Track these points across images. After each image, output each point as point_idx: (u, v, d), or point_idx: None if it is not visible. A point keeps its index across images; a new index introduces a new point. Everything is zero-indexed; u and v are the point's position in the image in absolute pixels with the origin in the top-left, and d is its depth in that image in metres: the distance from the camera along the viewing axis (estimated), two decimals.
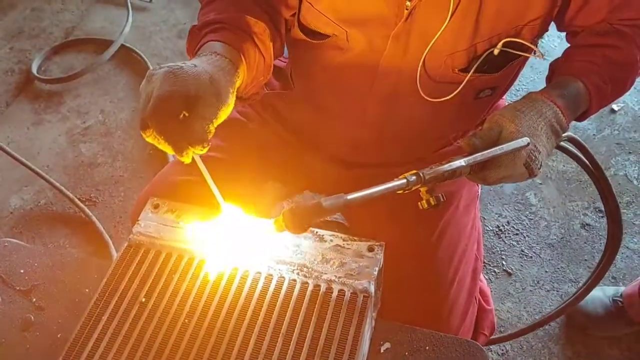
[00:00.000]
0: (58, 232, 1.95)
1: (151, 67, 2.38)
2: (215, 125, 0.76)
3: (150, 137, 0.73)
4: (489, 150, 0.78)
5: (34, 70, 2.42)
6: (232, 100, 0.80)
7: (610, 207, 1.21)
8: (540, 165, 0.85)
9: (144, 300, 0.74)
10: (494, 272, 1.81)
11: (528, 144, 0.80)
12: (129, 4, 2.65)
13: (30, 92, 2.39)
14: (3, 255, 0.95)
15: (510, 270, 1.82)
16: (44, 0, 2.80)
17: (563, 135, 0.96)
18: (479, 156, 0.78)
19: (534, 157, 0.83)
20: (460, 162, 0.76)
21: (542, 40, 1.01)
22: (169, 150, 0.74)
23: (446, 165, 0.75)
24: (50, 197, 2.03)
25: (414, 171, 0.73)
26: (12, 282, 0.92)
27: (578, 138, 1.08)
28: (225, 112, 0.78)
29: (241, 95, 0.90)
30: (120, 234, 1.94)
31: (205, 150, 0.74)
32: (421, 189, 0.75)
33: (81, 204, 1.97)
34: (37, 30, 2.65)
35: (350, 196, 0.67)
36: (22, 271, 0.93)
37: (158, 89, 0.72)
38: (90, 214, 1.94)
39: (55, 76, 2.43)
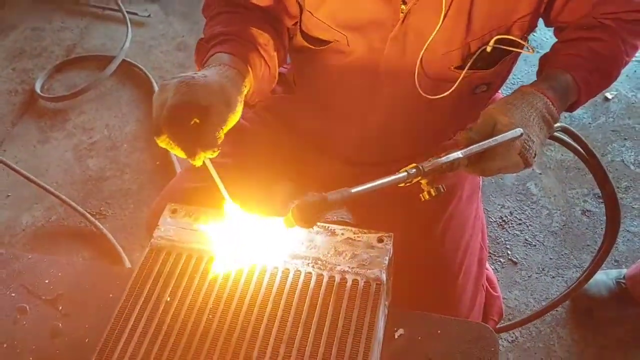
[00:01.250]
0: (71, 247, 1.99)
1: (153, 81, 2.44)
2: (225, 132, 0.81)
3: (164, 143, 0.78)
4: (484, 142, 0.82)
5: (38, 89, 2.47)
6: (240, 108, 0.85)
7: (607, 193, 1.24)
8: (535, 155, 0.89)
9: (168, 299, 0.78)
10: (500, 261, 1.85)
11: (521, 134, 0.84)
12: (128, 20, 2.70)
13: (35, 111, 2.44)
14: (27, 267, 0.99)
15: (515, 259, 1.85)
16: (44, 19, 2.85)
17: (557, 126, 1.00)
18: (474, 148, 0.82)
19: (527, 147, 0.87)
20: (457, 154, 0.80)
21: (534, 34, 1.06)
22: (181, 155, 0.79)
23: (444, 158, 0.79)
24: (61, 212, 2.08)
25: (414, 164, 0.77)
26: (38, 292, 0.96)
27: (571, 128, 1.12)
28: (233, 119, 0.83)
29: (247, 102, 0.94)
30: (132, 245, 1.98)
31: (216, 154, 0.79)
32: (422, 181, 0.79)
33: (92, 218, 2.01)
34: (38, 49, 2.70)
35: (354, 190, 0.71)
36: (46, 281, 0.97)
37: (172, 97, 0.77)
38: (102, 227, 1.98)
39: (59, 94, 2.47)
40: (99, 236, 1.97)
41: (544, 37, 2.43)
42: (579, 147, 1.20)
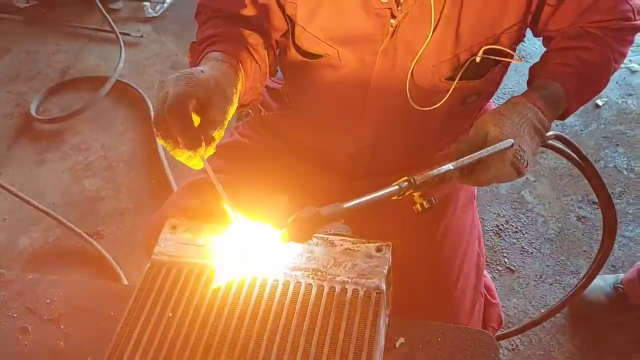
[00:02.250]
0: (69, 268, 1.98)
1: (147, 100, 2.46)
2: (225, 127, 0.82)
3: (165, 136, 0.78)
4: (475, 154, 0.84)
5: (33, 111, 2.48)
6: (236, 100, 0.87)
7: (603, 198, 1.25)
8: (527, 164, 0.90)
9: (170, 315, 0.78)
10: (498, 270, 1.86)
11: (513, 144, 0.86)
12: (121, 41, 2.72)
13: (30, 133, 2.45)
14: (28, 287, 0.99)
15: (512, 267, 1.86)
16: (38, 42, 2.87)
17: (549, 133, 1.02)
18: (466, 159, 0.83)
19: (519, 157, 0.88)
20: (449, 166, 0.81)
21: (523, 44, 1.08)
22: (181, 155, 0.79)
23: (435, 170, 0.80)
24: (58, 233, 2.08)
25: (406, 177, 0.78)
26: (40, 312, 0.96)
27: (564, 135, 1.14)
28: (231, 112, 0.85)
29: (241, 102, 0.96)
30: (130, 264, 1.97)
31: (212, 151, 0.80)
32: (414, 194, 0.80)
33: (89, 238, 2.01)
34: (33, 72, 2.72)
35: (346, 204, 0.72)
36: (47, 301, 0.97)
37: (173, 89, 0.78)
38: (99, 247, 1.98)
39: (54, 116, 2.49)
40: (97, 256, 1.97)
41: (533, 47, 2.47)
42: (573, 154, 1.21)
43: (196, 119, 0.80)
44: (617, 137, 2.22)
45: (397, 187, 0.77)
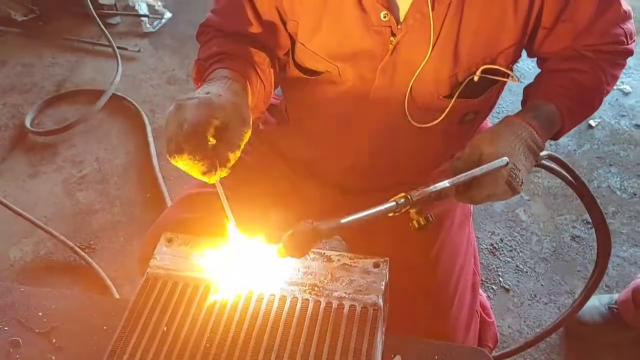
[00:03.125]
0: (60, 281, 1.96)
1: (143, 114, 2.46)
2: (241, 149, 0.83)
3: (183, 160, 0.78)
4: (470, 171, 0.85)
5: (28, 124, 2.47)
6: (250, 118, 0.86)
7: (596, 219, 1.26)
8: (522, 183, 0.91)
9: (165, 329, 0.77)
10: (492, 289, 1.85)
11: (507, 163, 0.87)
12: (118, 55, 2.73)
13: (24, 146, 2.44)
14: (20, 300, 0.98)
15: (507, 286, 1.86)
16: (34, 55, 2.87)
17: (543, 154, 1.03)
18: (461, 177, 0.84)
19: (514, 175, 0.89)
20: (445, 183, 0.82)
21: (517, 64, 1.09)
22: (197, 174, 0.80)
23: (432, 187, 0.80)
24: (49, 247, 2.06)
25: (402, 194, 0.78)
26: (31, 325, 0.94)
27: (557, 155, 1.14)
28: (247, 136, 0.85)
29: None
30: (121, 278, 1.96)
31: (225, 173, 0.82)
32: (411, 211, 0.80)
33: (81, 252, 1.99)
34: (28, 85, 2.72)
35: (344, 220, 0.72)
36: (40, 314, 0.96)
37: (191, 116, 0.78)
38: (91, 260, 1.96)
39: (48, 128, 2.48)
40: (88, 270, 1.95)
41: (526, 67, 2.49)
42: (566, 174, 1.22)
43: (212, 141, 0.81)
44: (610, 158, 2.23)
45: (394, 203, 0.77)
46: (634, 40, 1.06)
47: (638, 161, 2.21)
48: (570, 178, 1.22)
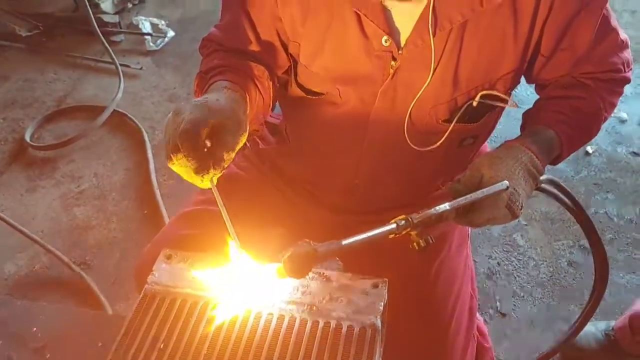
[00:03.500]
0: (53, 296, 1.95)
1: (143, 130, 2.47)
2: (236, 152, 0.84)
3: (178, 161, 0.80)
4: (470, 195, 0.85)
5: (27, 138, 2.48)
6: (248, 127, 0.88)
7: (595, 245, 1.25)
8: (522, 206, 0.92)
9: (162, 346, 0.77)
10: (489, 313, 1.85)
11: (507, 187, 0.88)
12: (120, 72, 2.75)
13: (23, 160, 2.44)
14: (15, 314, 0.97)
15: (504, 311, 1.85)
16: (37, 71, 2.89)
17: (543, 178, 1.04)
18: (462, 200, 0.84)
19: (514, 199, 0.90)
20: (445, 206, 0.82)
21: (516, 90, 1.10)
22: (190, 176, 0.81)
23: (432, 210, 0.81)
24: (45, 262, 2.05)
25: (403, 216, 0.79)
26: (25, 340, 0.94)
27: (557, 180, 1.15)
28: (243, 139, 0.86)
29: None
30: (115, 295, 1.94)
31: (220, 173, 0.82)
32: (411, 233, 0.80)
33: (76, 267, 1.98)
34: (30, 99, 2.73)
35: (344, 241, 0.72)
36: (34, 329, 0.95)
37: (188, 116, 0.80)
38: (86, 276, 1.95)
39: (48, 143, 2.49)
40: (83, 286, 1.94)
41: (524, 93, 2.52)
42: (565, 199, 1.22)
43: (208, 144, 0.82)
44: (607, 184, 2.25)
45: (394, 225, 0.77)
46: (631, 69, 1.08)
47: (635, 188, 2.22)
48: (569, 203, 1.22)
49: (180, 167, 0.81)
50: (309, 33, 1.01)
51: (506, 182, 0.88)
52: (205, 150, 0.81)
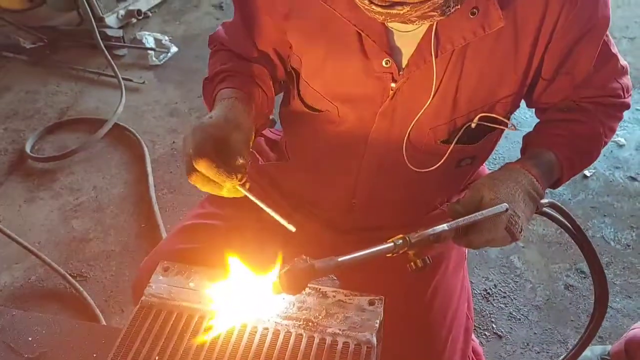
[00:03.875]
0: (48, 308, 1.94)
1: (144, 144, 2.48)
2: (249, 152, 0.91)
3: (199, 179, 0.86)
4: (470, 216, 0.85)
5: (28, 149, 2.48)
6: (252, 126, 0.95)
7: (595, 269, 1.25)
8: (521, 229, 0.92)
9: (157, 359, 0.77)
10: (485, 335, 1.84)
11: (507, 209, 0.88)
12: (123, 86, 2.77)
13: (23, 171, 2.44)
14: (11, 324, 0.97)
15: (500, 333, 1.85)
16: (39, 83, 2.91)
17: (544, 201, 1.04)
18: (460, 221, 0.85)
19: (514, 222, 0.90)
20: (443, 227, 0.82)
21: (515, 113, 1.11)
22: (215, 188, 0.87)
23: (430, 230, 0.81)
24: (40, 273, 2.04)
25: (401, 235, 0.79)
26: (20, 350, 0.93)
27: (558, 203, 1.15)
28: (250, 138, 0.94)
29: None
30: (111, 308, 1.94)
31: (244, 178, 0.89)
32: (409, 252, 0.80)
33: (72, 280, 1.97)
34: (31, 111, 2.75)
35: (340, 259, 0.73)
36: (30, 339, 0.95)
37: (193, 140, 0.87)
38: (81, 289, 1.95)
39: (48, 155, 2.49)
40: (78, 298, 1.93)
41: (523, 116, 2.54)
42: (566, 223, 1.22)
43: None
44: (604, 208, 2.25)
45: (392, 244, 0.78)
46: (630, 94, 1.10)
47: (632, 213, 2.23)
48: (570, 227, 1.22)
49: (206, 185, 0.87)
50: (310, 49, 1.03)
51: (506, 205, 0.88)
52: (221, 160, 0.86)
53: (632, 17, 3.29)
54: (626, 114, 1.14)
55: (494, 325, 1.87)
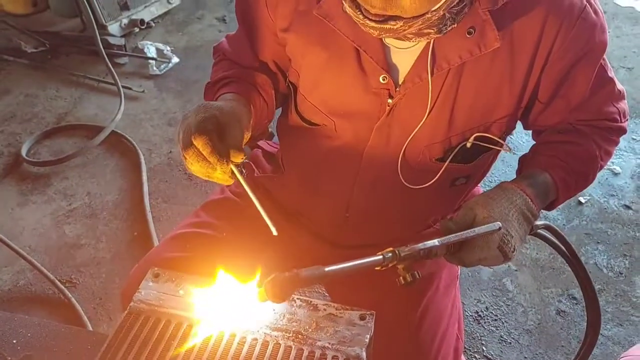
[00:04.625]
0: (36, 314, 1.91)
1: (140, 153, 2.47)
2: (244, 143, 0.92)
3: (193, 156, 0.86)
4: (461, 233, 0.85)
5: (24, 153, 2.48)
6: (250, 127, 0.98)
7: (588, 294, 1.24)
8: (514, 249, 0.91)
9: None
10: (475, 357, 1.83)
11: (500, 228, 0.87)
12: (122, 93, 2.77)
13: (17, 174, 2.43)
14: None
15: (490, 356, 1.83)
16: (39, 87, 2.91)
17: (539, 223, 1.04)
18: (452, 237, 0.84)
19: (506, 241, 0.90)
20: (435, 242, 0.81)
21: (511, 136, 1.11)
22: (211, 172, 0.88)
23: (421, 245, 0.80)
24: (30, 277, 2.02)
25: (391, 248, 0.77)
26: (4, 352, 0.92)
27: (554, 226, 1.14)
28: (246, 136, 0.95)
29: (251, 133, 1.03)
30: (99, 315, 1.92)
31: (243, 157, 0.88)
32: (399, 267, 0.79)
33: (61, 285, 1.95)
34: (29, 115, 2.74)
35: (327, 268, 0.71)
36: (14, 341, 0.94)
37: (194, 119, 0.88)
38: (70, 295, 1.93)
39: (44, 159, 2.48)
40: (66, 305, 1.91)
41: (520, 140, 2.55)
42: (561, 246, 1.21)
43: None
44: (598, 235, 2.25)
45: (380, 257, 0.76)
46: (627, 119, 1.10)
47: (625, 241, 2.23)
48: (565, 250, 1.21)
49: (198, 162, 0.86)
50: (308, 64, 1.03)
51: (499, 223, 0.88)
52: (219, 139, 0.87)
53: (631, 47, 3.33)
54: (622, 142, 1.14)
55: (484, 348, 1.85)
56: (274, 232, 0.89)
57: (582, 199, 2.38)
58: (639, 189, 2.45)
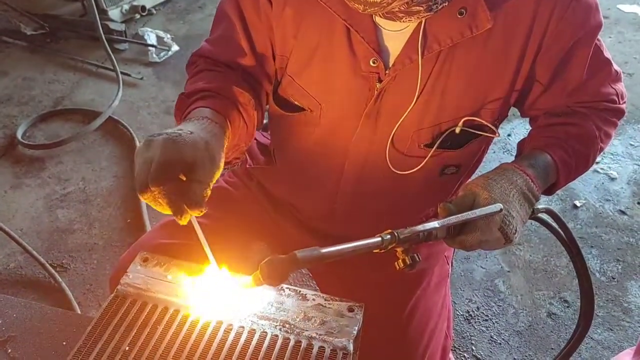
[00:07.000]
0: (25, 297, 1.90)
1: (136, 139, 2.46)
2: (211, 188, 0.81)
3: (149, 199, 0.78)
4: (462, 214, 0.82)
5: (19, 135, 2.46)
6: (222, 165, 0.85)
7: (583, 283, 1.22)
8: (515, 231, 0.88)
9: (127, 349, 0.75)
10: (464, 357, 1.82)
11: (501, 209, 0.84)
12: (120, 79, 2.75)
13: (12, 157, 2.42)
14: None
15: (479, 356, 1.83)
16: (37, 70, 2.90)
17: (541, 207, 1.02)
18: (452, 219, 0.81)
19: (507, 222, 0.87)
20: (434, 224, 0.79)
21: (509, 137, 1.10)
22: (167, 212, 0.78)
23: (420, 226, 0.78)
24: (20, 261, 2.01)
25: (389, 230, 0.76)
26: None
27: (555, 210, 1.09)
28: (217, 175, 0.83)
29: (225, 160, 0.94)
30: (89, 301, 1.91)
31: (202, 213, 0.79)
32: (397, 249, 0.77)
33: (51, 269, 1.94)
34: (26, 98, 2.73)
35: (324, 250, 0.69)
36: None
37: (159, 155, 0.77)
38: (60, 280, 1.92)
39: (39, 142, 2.47)
40: (56, 289, 1.90)
41: (520, 140, 2.55)
42: (560, 232, 1.19)
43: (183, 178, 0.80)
44: (592, 239, 2.25)
45: (379, 239, 0.74)
46: (625, 101, 1.08)
47: (619, 246, 2.23)
48: (564, 236, 1.19)
49: (154, 205, 0.79)
50: (300, 44, 1.00)
51: (499, 205, 0.85)
52: (180, 188, 0.78)
53: (632, 54, 3.32)
54: (619, 148, 1.13)
55: (474, 348, 1.85)
56: (220, 270, 0.83)
57: (577, 203, 2.38)
58: (635, 195, 2.45)
